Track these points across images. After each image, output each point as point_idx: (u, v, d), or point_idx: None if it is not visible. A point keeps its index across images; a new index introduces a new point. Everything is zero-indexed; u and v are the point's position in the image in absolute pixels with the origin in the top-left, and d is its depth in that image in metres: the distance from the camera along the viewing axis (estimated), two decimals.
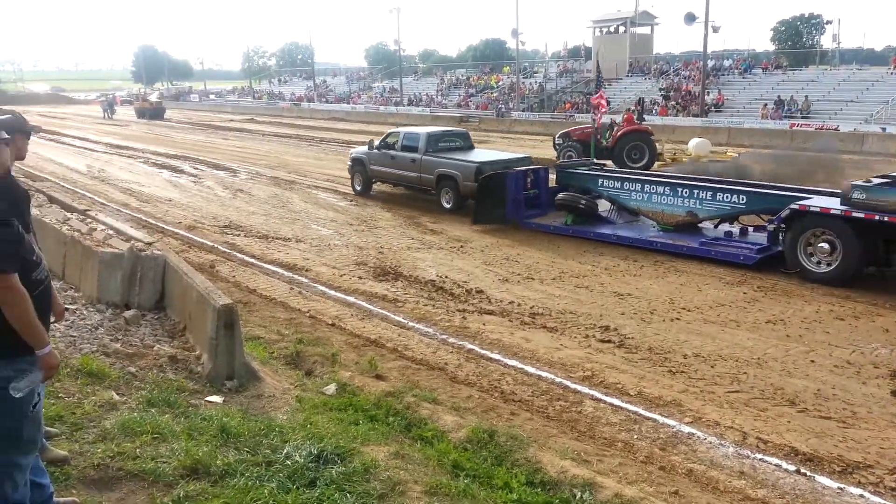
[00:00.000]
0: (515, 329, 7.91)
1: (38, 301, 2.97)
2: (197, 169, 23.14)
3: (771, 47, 59.76)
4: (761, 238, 11.55)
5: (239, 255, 11.80)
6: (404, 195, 16.29)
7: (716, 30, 39.31)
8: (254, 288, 9.95)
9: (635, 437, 5.49)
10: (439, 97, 54.48)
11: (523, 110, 45.24)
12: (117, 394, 4.79)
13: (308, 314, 8.61)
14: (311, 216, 15.17)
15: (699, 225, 12.51)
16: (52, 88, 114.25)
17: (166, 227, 13.37)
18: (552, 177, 14.90)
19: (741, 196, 11.87)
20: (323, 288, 10.07)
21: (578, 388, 6.39)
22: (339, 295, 9.58)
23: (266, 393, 5.42)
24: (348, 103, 60.61)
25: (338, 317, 8.55)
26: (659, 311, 8.47)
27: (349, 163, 18.29)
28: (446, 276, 9.94)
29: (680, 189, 12.62)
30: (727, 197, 12.06)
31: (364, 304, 9.21)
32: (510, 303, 8.82)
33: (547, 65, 57.83)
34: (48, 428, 3.75)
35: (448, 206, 15.41)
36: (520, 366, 6.88)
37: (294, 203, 16.65)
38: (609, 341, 7.52)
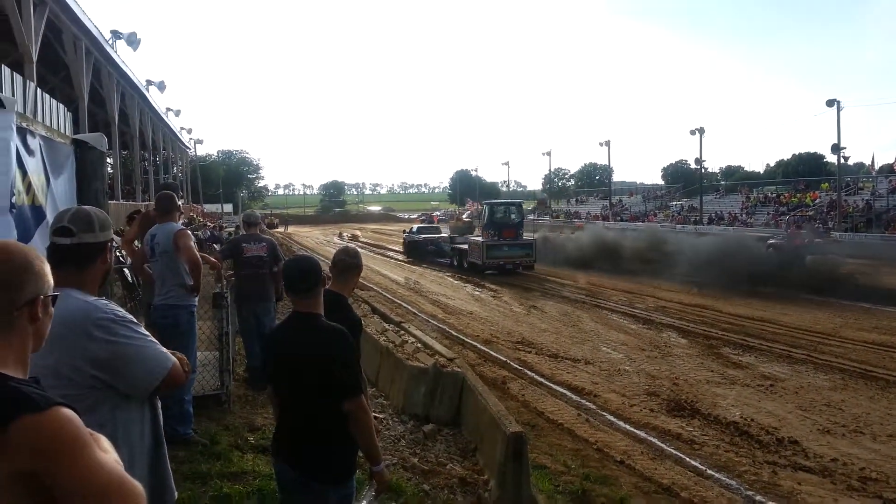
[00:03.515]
0: (840, 495, 6.68)
1: None
2: (496, 284, 24.48)
3: None
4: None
5: (529, 372, 11.92)
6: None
7: None
8: (542, 410, 9.88)
9: None
10: (744, 215, 51.08)
11: (846, 230, 40.26)
12: None
13: (595, 446, 8.36)
14: (601, 337, 14.91)
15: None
16: (383, 208, 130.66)
17: (466, 339, 14.11)
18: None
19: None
20: (611, 417, 9.64)
21: None
22: (628, 427, 9.10)
23: None
24: (642, 221, 60.62)
25: (627, 453, 8.13)
26: None
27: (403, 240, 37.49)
28: (752, 419, 8.93)
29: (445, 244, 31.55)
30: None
31: (656, 441, 8.61)
32: (833, 460, 7.51)
33: (875, 180, 51.30)
34: None
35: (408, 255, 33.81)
36: None
37: (584, 322, 16.67)
38: None
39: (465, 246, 30.34)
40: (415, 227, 42.20)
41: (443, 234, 36.98)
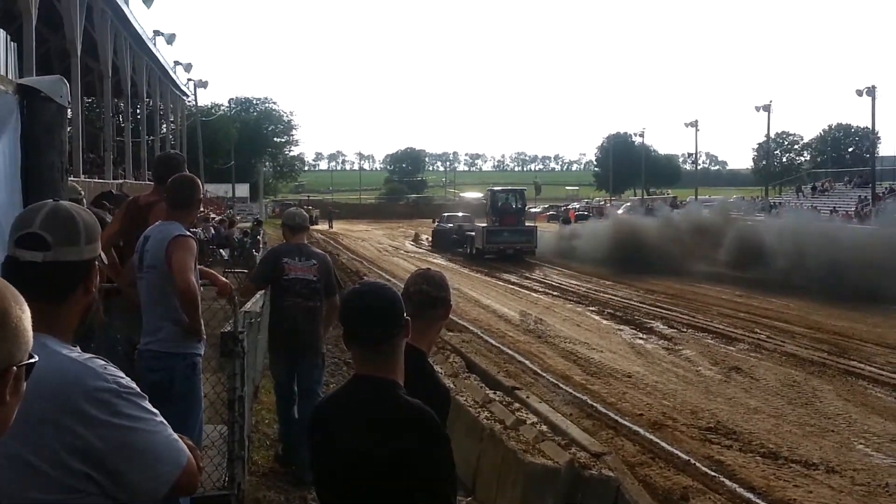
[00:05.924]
0: None
1: None
2: (673, 329, 19.29)
3: None
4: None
5: (728, 482, 9.20)
6: None
7: None
8: None
9: None
10: None
11: None
12: None
13: None
14: (853, 426, 11.71)
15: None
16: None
17: (620, 420, 11.85)
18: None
19: None
20: None
21: None
22: None
23: None
24: None
25: None
26: None
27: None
28: None
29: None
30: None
31: None
32: None
33: None
34: None
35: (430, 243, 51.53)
36: None
37: (825, 398, 13.18)
38: None
39: (474, 233, 37.46)
40: (445, 214, 48.54)
41: (476, 225, 42.92)
